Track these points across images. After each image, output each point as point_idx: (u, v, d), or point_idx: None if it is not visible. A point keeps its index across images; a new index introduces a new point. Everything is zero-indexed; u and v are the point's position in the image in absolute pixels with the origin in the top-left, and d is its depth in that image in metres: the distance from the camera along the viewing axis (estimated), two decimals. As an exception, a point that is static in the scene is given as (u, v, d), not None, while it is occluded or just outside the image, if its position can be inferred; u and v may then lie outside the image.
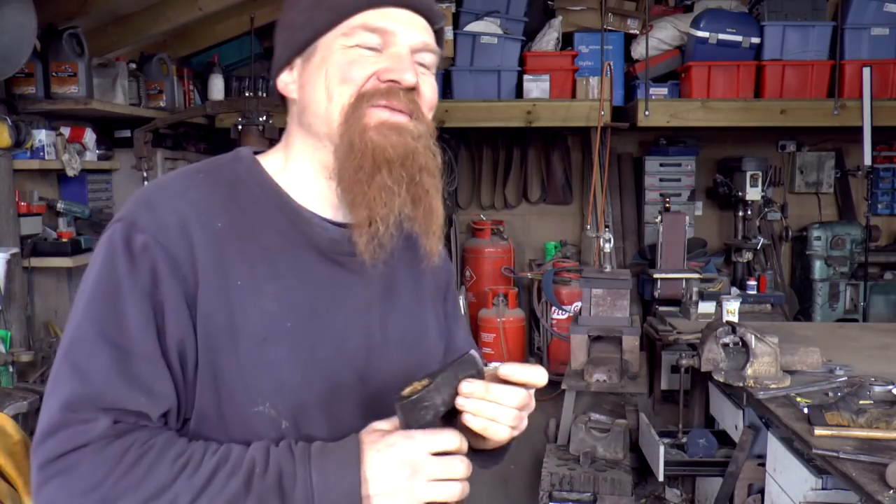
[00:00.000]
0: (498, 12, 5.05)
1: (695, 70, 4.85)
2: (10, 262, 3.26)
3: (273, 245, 1.02)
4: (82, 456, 0.90)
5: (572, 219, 5.90)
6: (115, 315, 0.94)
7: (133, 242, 0.96)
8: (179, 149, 4.85)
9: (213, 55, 5.14)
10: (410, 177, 1.02)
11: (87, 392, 0.92)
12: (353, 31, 1.02)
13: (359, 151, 1.00)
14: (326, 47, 1.03)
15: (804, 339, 3.26)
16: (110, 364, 0.93)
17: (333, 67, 1.02)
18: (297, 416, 1.00)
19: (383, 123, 1.01)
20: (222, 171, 1.06)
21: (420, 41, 1.05)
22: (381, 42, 1.03)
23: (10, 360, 3.04)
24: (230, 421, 0.98)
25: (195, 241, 0.97)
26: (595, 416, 3.52)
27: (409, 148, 1.02)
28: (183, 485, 0.90)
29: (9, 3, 3.07)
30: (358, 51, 1.02)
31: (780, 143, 5.69)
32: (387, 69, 1.02)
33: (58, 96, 3.66)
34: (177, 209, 0.99)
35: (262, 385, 0.98)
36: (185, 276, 0.96)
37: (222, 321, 0.97)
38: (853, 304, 5.28)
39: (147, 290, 0.95)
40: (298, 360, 1.00)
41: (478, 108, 4.99)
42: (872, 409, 2.19)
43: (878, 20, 4.83)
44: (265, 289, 0.99)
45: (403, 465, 0.92)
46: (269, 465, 0.92)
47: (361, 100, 1.01)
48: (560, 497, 3.23)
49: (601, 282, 3.79)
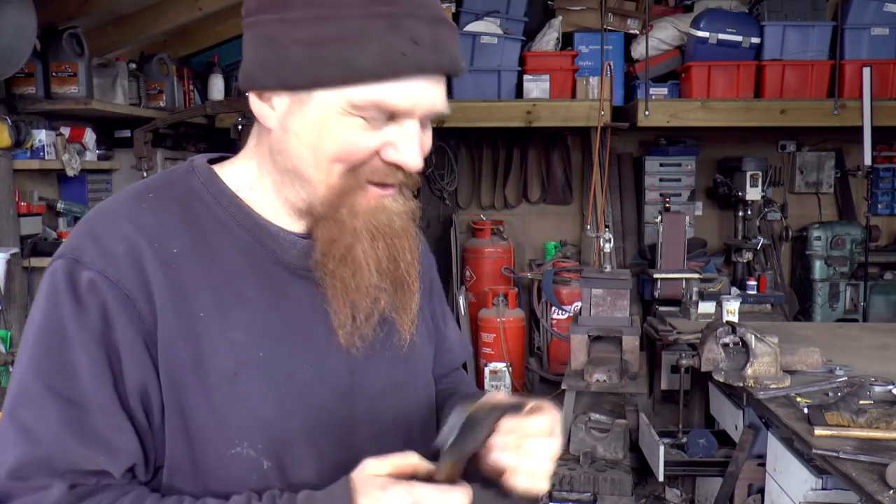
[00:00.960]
0: (498, 12, 5.05)
1: (695, 70, 4.85)
2: (10, 262, 3.26)
3: (237, 267, 0.91)
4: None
5: (572, 219, 5.90)
6: (63, 365, 0.84)
7: (78, 280, 0.85)
8: (179, 149, 4.85)
9: (213, 55, 5.14)
10: (393, 257, 0.94)
11: (37, 455, 0.82)
12: (365, 107, 0.87)
13: (349, 235, 0.91)
14: (325, 106, 0.87)
15: (804, 339, 3.26)
16: (60, 421, 0.83)
17: (331, 139, 0.88)
18: (279, 453, 0.90)
19: (377, 207, 0.92)
20: (175, 187, 0.95)
21: (433, 111, 0.92)
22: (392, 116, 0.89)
23: (10, 360, 3.04)
24: (205, 467, 0.89)
25: (148, 271, 0.87)
26: (595, 416, 3.52)
27: (396, 231, 0.94)
28: None
29: (9, 3, 3.07)
30: (359, 122, 0.88)
31: (780, 143, 5.68)
32: (391, 149, 0.89)
33: (58, 96, 3.66)
34: (125, 237, 0.88)
35: (238, 423, 0.88)
36: (140, 312, 0.86)
37: (187, 357, 0.87)
38: (853, 304, 5.28)
39: (98, 334, 0.85)
40: (275, 391, 0.90)
41: (478, 108, 4.99)
42: (872, 409, 2.19)
43: (878, 20, 4.83)
44: (232, 317, 0.89)
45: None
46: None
47: (357, 180, 0.90)
48: (560, 497, 3.23)
49: (601, 282, 3.79)
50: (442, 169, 5.72)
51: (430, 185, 5.74)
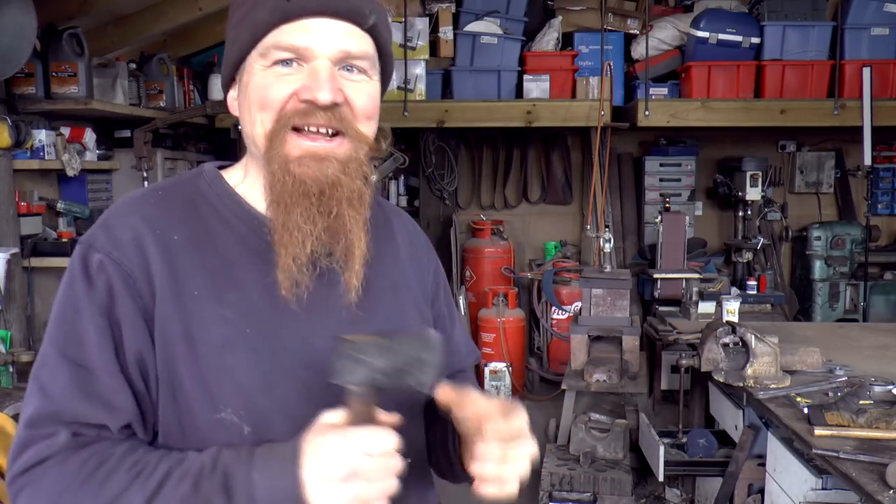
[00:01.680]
0: (498, 12, 5.05)
1: (695, 70, 4.85)
2: (10, 262, 3.26)
3: (234, 254, 1.03)
4: (46, 468, 0.94)
5: (572, 219, 5.90)
6: (75, 334, 0.97)
7: (90, 263, 0.99)
8: (179, 149, 4.85)
9: (213, 55, 5.14)
10: (328, 211, 1.01)
11: (48, 409, 0.96)
12: (268, 51, 1.00)
13: (279, 183, 1.00)
14: (249, 69, 1.02)
15: (804, 339, 3.26)
16: (69, 381, 0.96)
17: (253, 91, 1.01)
18: (259, 421, 0.99)
19: (304, 154, 1.00)
20: (183, 187, 1.09)
21: (340, 50, 1.00)
22: (298, 58, 1.00)
23: (10, 360, 3.04)
24: (192, 431, 0.99)
25: (150, 255, 0.99)
26: (595, 416, 3.52)
27: (328, 179, 1.00)
28: (136, 490, 0.92)
29: (9, 3, 3.07)
30: (276, 70, 1.00)
31: (780, 143, 5.69)
32: (303, 88, 0.99)
33: (58, 96, 3.66)
34: (132, 226, 1.01)
35: (222, 390, 0.98)
36: (140, 291, 0.98)
37: (178, 331, 0.98)
38: (853, 304, 5.28)
39: (104, 308, 0.97)
40: (258, 365, 1.00)
41: (478, 108, 4.99)
42: (872, 409, 2.19)
43: (878, 20, 4.83)
44: (225, 297, 1.00)
45: (337, 466, 0.89)
46: (216, 466, 0.93)
47: (281, 123, 1.00)
48: (560, 497, 3.23)
49: (601, 282, 3.79)
50: (442, 169, 5.72)
51: (430, 185, 5.74)
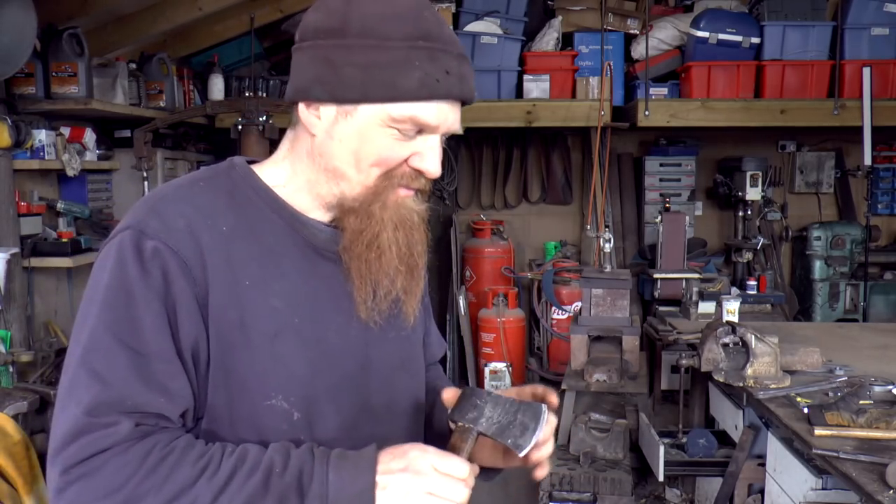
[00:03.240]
0: (498, 12, 5.05)
1: (695, 70, 4.85)
2: (10, 262, 3.26)
3: (276, 246, 1.06)
4: (106, 459, 0.93)
5: (572, 219, 5.90)
6: (130, 319, 0.97)
7: (143, 248, 0.99)
8: (179, 149, 4.85)
9: (213, 55, 5.14)
10: (410, 251, 1.10)
11: (108, 396, 0.95)
12: (402, 121, 1.04)
13: (377, 225, 1.07)
14: (368, 118, 1.04)
15: (804, 339, 3.26)
16: (129, 367, 0.96)
17: (371, 146, 1.05)
18: (307, 406, 1.04)
19: (402, 203, 1.09)
20: (220, 179, 1.10)
21: (454, 130, 1.10)
22: (421, 130, 1.06)
23: (10, 360, 3.04)
24: (240, 416, 1.02)
25: (203, 243, 1.01)
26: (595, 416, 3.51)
27: (414, 224, 1.10)
28: (203, 485, 0.93)
29: (9, 3, 3.07)
30: (395, 133, 1.05)
31: (780, 143, 5.68)
32: (418, 157, 1.07)
33: (58, 96, 3.66)
34: (183, 214, 1.02)
35: (275, 378, 1.02)
36: (195, 277, 1.00)
37: (234, 319, 1.01)
38: (853, 304, 5.28)
39: (160, 293, 0.98)
40: (306, 353, 1.05)
41: (478, 108, 4.98)
42: (872, 409, 2.19)
43: (878, 20, 4.83)
44: (273, 287, 1.04)
45: (408, 471, 0.97)
46: (288, 464, 0.96)
47: (388, 178, 1.07)
48: (560, 497, 3.23)
49: (601, 282, 3.79)
50: (442, 169, 5.72)
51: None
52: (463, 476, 0.98)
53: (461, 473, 0.98)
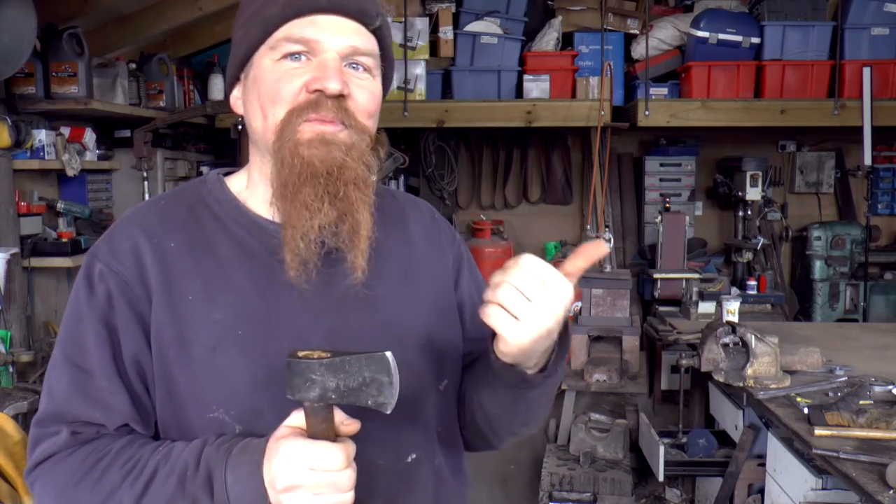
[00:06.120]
0: (498, 12, 5.05)
1: (695, 70, 4.84)
2: (10, 262, 3.26)
3: (229, 257, 1.06)
4: (52, 464, 1.02)
5: (572, 219, 5.90)
6: (77, 340, 1.04)
7: (92, 272, 1.05)
8: (179, 149, 4.85)
9: (213, 55, 5.14)
10: (335, 192, 1.01)
11: (53, 409, 1.04)
12: (279, 44, 1.03)
13: (287, 167, 1.01)
14: (258, 63, 1.05)
15: (804, 339, 3.26)
16: (71, 384, 1.03)
17: (264, 85, 1.04)
18: (249, 420, 1.01)
19: (314, 137, 1.01)
20: (185, 194, 1.13)
21: (347, 45, 1.03)
22: (307, 51, 1.03)
23: (10, 360, 3.04)
24: (187, 428, 1.03)
25: (146, 263, 1.04)
26: (595, 416, 3.52)
27: (335, 161, 1.01)
28: (126, 489, 0.97)
29: (9, 3, 3.06)
30: (286, 64, 1.03)
31: (780, 143, 5.68)
32: (312, 79, 1.02)
33: (58, 96, 3.65)
34: (129, 236, 1.06)
35: (215, 391, 1.02)
36: (136, 297, 1.03)
37: (172, 334, 1.02)
38: (853, 304, 5.28)
39: (103, 314, 1.03)
40: (248, 366, 1.02)
41: (478, 108, 4.99)
42: (872, 409, 2.20)
43: (878, 20, 4.82)
44: (219, 300, 1.03)
45: (283, 477, 0.90)
46: (199, 465, 0.96)
47: (292, 115, 1.02)
48: (560, 497, 3.23)
49: (601, 282, 3.79)
50: (442, 169, 5.72)
51: (429, 185, 5.74)
52: (338, 466, 0.89)
53: (335, 465, 0.89)
